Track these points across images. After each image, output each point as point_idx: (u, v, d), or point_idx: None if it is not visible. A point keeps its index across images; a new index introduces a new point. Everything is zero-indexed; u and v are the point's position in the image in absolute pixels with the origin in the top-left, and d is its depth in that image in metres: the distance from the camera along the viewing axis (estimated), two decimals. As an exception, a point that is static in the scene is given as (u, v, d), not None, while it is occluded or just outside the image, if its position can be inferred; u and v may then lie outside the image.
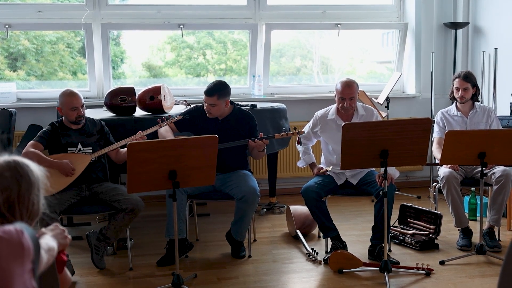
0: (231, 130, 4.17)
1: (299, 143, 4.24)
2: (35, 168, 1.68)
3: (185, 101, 5.28)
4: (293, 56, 6.83)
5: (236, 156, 4.23)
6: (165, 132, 4.15)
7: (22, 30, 5.83)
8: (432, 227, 4.40)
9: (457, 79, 4.49)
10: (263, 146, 4.05)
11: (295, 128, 4.21)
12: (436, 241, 4.34)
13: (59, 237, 1.76)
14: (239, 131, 4.18)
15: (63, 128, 4.02)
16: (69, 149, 3.97)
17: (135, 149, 3.26)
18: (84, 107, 4.03)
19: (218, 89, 4.10)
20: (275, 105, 5.16)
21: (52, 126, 4.01)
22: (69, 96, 3.95)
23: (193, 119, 4.23)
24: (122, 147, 4.02)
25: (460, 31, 6.18)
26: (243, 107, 4.50)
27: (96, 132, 4.09)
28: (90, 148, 4.03)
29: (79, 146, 4.00)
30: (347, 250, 4.04)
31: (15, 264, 1.45)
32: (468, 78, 4.46)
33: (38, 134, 3.98)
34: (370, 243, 4.13)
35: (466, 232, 4.35)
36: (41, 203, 1.69)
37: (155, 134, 4.14)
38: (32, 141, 3.93)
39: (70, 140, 4.00)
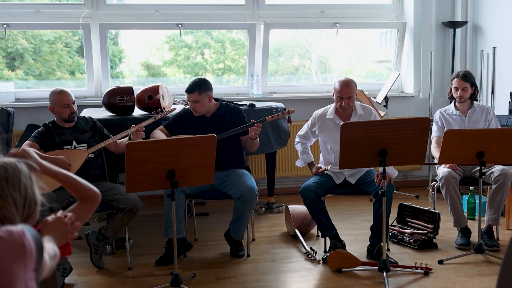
0: (221, 125, 4.18)
1: (289, 122, 4.22)
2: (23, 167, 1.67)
3: (183, 100, 5.27)
4: (292, 55, 6.83)
5: (232, 153, 4.24)
6: (158, 134, 4.19)
7: (20, 29, 5.82)
8: (430, 226, 4.40)
9: (455, 79, 4.49)
10: (256, 133, 4.06)
11: (285, 108, 4.22)
12: (434, 240, 4.34)
13: (62, 233, 1.74)
14: (229, 126, 4.18)
15: (56, 128, 4.03)
16: (64, 147, 3.99)
17: (133, 149, 3.26)
18: (75, 103, 4.04)
19: (198, 85, 4.13)
20: (273, 104, 5.15)
21: (45, 127, 4.04)
22: (59, 94, 3.98)
23: (183, 121, 4.25)
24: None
25: (458, 30, 6.18)
26: (241, 106, 4.50)
27: (89, 129, 4.11)
28: (85, 144, 4.04)
29: (74, 143, 4.02)
30: (345, 250, 4.04)
31: (17, 266, 1.43)
32: (467, 77, 4.46)
33: (33, 134, 4.01)
34: (368, 243, 4.13)
35: (465, 231, 4.35)
36: (37, 194, 1.67)
37: (147, 135, 4.17)
38: (27, 141, 3.95)
39: (64, 138, 4.01)
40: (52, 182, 3.99)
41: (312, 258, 4.08)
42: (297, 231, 4.51)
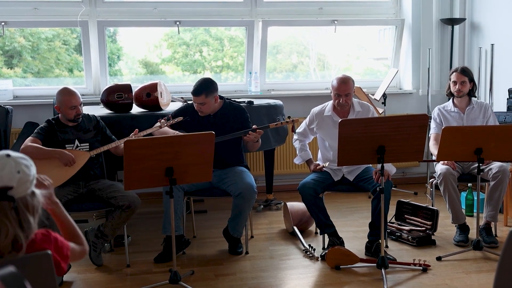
0: (224, 124, 4.17)
1: (293, 131, 4.24)
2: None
3: (182, 98, 5.27)
4: (290, 52, 6.83)
5: (231, 151, 4.23)
6: (164, 129, 4.16)
7: (18, 27, 5.81)
8: (429, 223, 4.41)
9: (454, 73, 4.50)
10: (258, 137, 4.06)
11: (289, 117, 4.22)
12: (433, 237, 4.35)
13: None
14: (232, 125, 4.18)
15: (59, 125, 4.01)
16: (66, 145, 3.97)
17: (132, 146, 3.26)
18: (82, 105, 4.03)
19: (205, 87, 4.10)
20: (271, 101, 5.15)
21: (49, 123, 4.01)
22: (67, 95, 3.94)
23: (186, 117, 4.23)
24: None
25: (457, 27, 6.19)
26: (240, 103, 4.50)
27: (92, 128, 4.09)
28: (87, 144, 4.02)
29: (76, 142, 4.00)
30: (344, 246, 4.04)
31: None
32: (466, 72, 4.47)
33: (36, 130, 3.98)
34: (367, 239, 4.14)
35: (463, 228, 4.36)
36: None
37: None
38: (30, 137, 3.93)
39: (67, 137, 3.99)
40: (56, 179, 4.00)
41: (311, 255, 4.09)
42: (295, 228, 4.52)
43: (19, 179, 1.62)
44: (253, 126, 4.08)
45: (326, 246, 4.16)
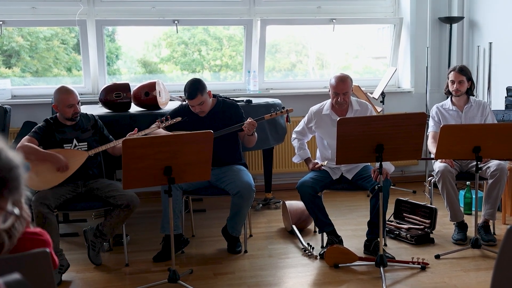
0: (219, 122, 4.18)
1: (288, 120, 4.24)
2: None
3: (181, 97, 5.26)
4: (289, 51, 6.83)
5: (229, 149, 4.23)
6: (158, 130, 4.17)
7: (16, 26, 5.80)
8: (427, 221, 4.42)
9: (452, 72, 4.50)
10: (253, 128, 4.07)
11: (283, 107, 4.24)
12: (431, 235, 4.36)
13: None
14: (227, 122, 4.19)
15: (57, 125, 4.01)
16: (64, 145, 3.97)
17: (130, 145, 3.26)
18: (80, 103, 4.02)
19: (197, 87, 4.10)
20: (270, 100, 5.15)
21: (47, 123, 4.01)
22: (65, 94, 3.94)
23: (181, 117, 4.23)
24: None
25: (455, 26, 6.19)
26: (238, 102, 4.50)
27: (90, 127, 4.09)
28: (86, 143, 4.02)
29: (74, 141, 4.00)
30: (342, 245, 4.04)
31: None
32: (464, 71, 4.47)
33: (33, 129, 3.98)
34: (365, 238, 4.14)
35: (461, 226, 4.36)
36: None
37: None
38: (26, 136, 3.92)
39: (65, 136, 3.99)
40: (49, 180, 3.99)
41: (310, 253, 4.09)
42: (294, 227, 4.52)
43: None
44: (248, 119, 4.09)
45: (324, 245, 4.17)
